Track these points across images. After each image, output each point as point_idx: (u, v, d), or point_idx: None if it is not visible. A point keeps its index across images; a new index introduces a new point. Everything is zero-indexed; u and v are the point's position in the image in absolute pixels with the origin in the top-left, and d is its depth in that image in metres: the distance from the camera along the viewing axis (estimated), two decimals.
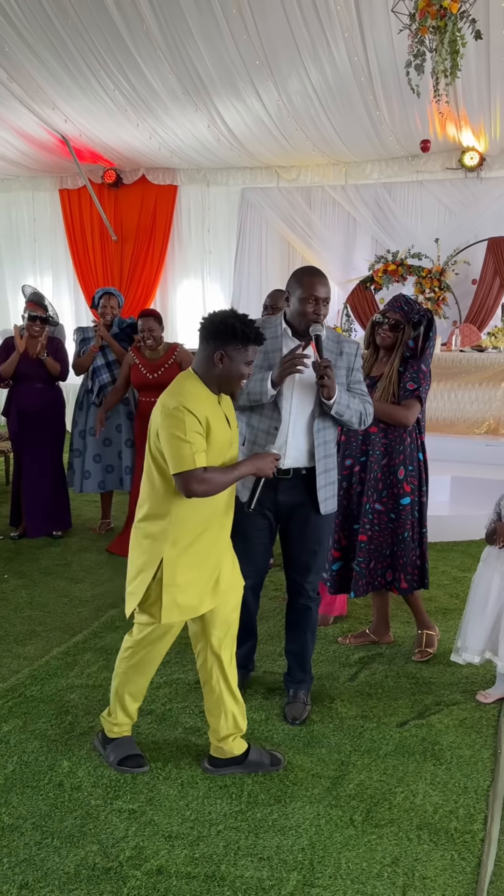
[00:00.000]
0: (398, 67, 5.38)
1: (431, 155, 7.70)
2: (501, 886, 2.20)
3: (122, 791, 2.60)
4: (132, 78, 6.48)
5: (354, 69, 6.04)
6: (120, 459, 5.44)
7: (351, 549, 3.54)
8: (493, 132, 7.08)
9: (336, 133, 7.31)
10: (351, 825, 2.44)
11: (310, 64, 6.04)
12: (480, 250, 7.85)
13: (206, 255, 9.25)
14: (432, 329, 3.42)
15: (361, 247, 8.53)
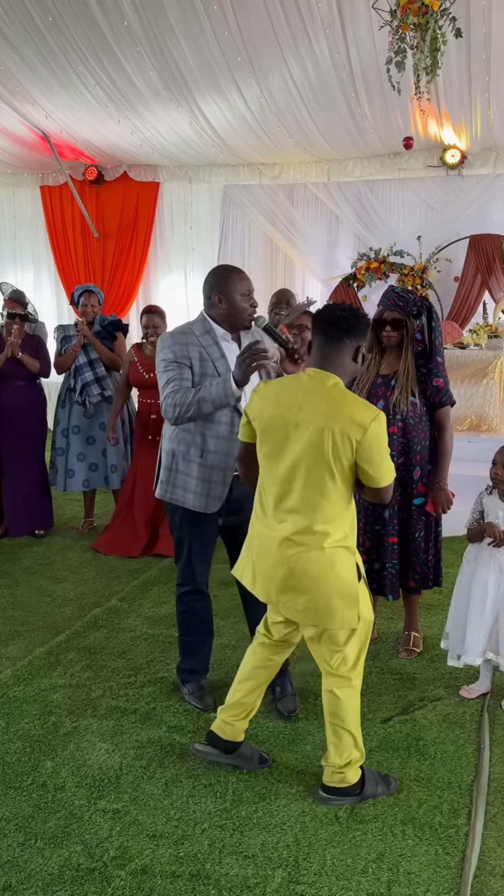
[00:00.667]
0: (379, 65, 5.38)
1: (413, 153, 7.71)
2: (485, 880, 2.21)
3: (105, 791, 2.58)
4: (113, 74, 6.44)
5: (336, 66, 6.04)
6: (104, 458, 5.41)
7: (374, 551, 3.48)
8: (474, 130, 7.11)
9: (318, 130, 7.31)
10: (335, 821, 2.45)
11: (291, 61, 6.03)
12: (462, 248, 7.88)
13: (189, 252, 9.22)
14: (434, 318, 3.38)
15: (344, 244, 8.53)
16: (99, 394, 5.32)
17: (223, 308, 2.87)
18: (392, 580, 3.47)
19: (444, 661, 3.52)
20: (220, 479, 2.93)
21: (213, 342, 2.89)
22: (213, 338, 2.90)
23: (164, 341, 2.91)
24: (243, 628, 3.88)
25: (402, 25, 4.30)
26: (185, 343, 2.86)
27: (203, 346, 2.88)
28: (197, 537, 3.05)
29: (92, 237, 9.31)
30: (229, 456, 2.90)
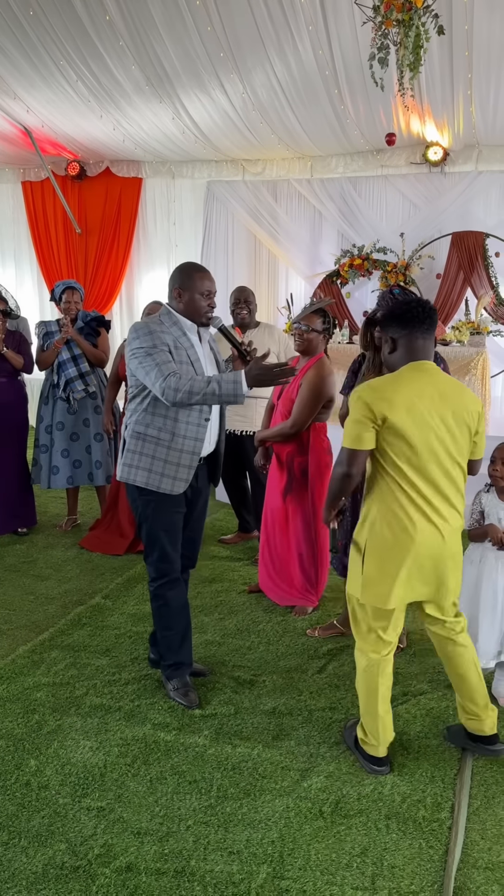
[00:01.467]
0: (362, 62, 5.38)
1: (396, 149, 7.73)
2: (468, 873, 2.23)
3: (90, 789, 2.58)
4: (95, 69, 6.39)
5: (319, 63, 6.04)
6: (89, 454, 5.38)
7: None
8: (457, 127, 7.13)
9: (301, 127, 7.30)
10: (320, 817, 2.46)
11: (274, 57, 6.02)
12: (444, 245, 7.90)
13: (172, 247, 9.18)
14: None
15: (327, 241, 8.54)
16: (83, 390, 5.29)
17: (182, 304, 3.01)
18: None
19: (427, 657, 3.55)
20: (189, 462, 3.02)
21: (182, 332, 3.00)
22: (180, 328, 3.00)
23: (139, 329, 2.97)
24: (227, 624, 3.89)
25: (386, 22, 4.30)
26: (160, 331, 2.96)
27: (174, 335, 2.98)
28: (167, 523, 3.09)
29: (74, 233, 9.25)
30: (198, 441, 3.02)
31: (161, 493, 3.02)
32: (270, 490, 4.13)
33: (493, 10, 5.19)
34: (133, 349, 2.95)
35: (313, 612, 4.06)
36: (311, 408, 3.83)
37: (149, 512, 3.06)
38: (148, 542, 3.13)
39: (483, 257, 7.71)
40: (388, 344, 2.60)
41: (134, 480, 3.03)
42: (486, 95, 6.37)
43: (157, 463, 2.99)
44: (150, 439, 3.00)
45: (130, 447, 3.04)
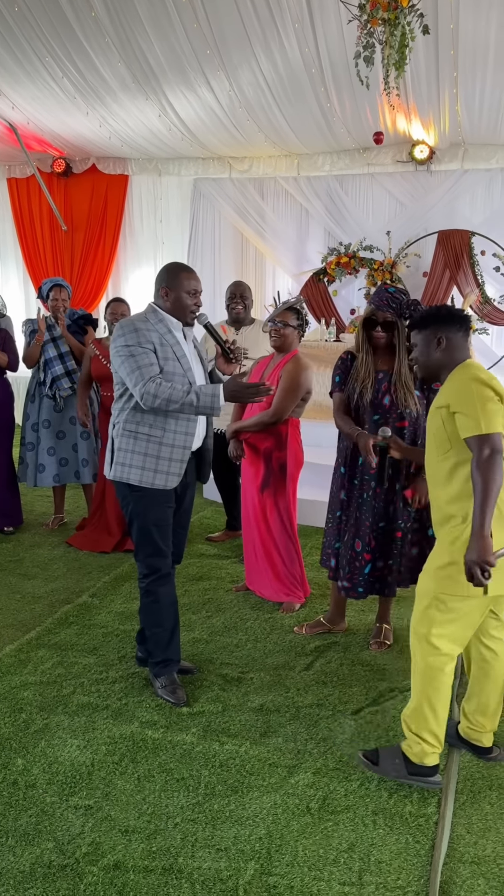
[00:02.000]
0: (348, 60, 5.39)
1: (382, 148, 7.74)
2: (454, 867, 2.25)
3: (77, 787, 2.58)
4: (81, 66, 6.36)
5: (305, 60, 6.04)
6: (75, 452, 5.37)
7: (379, 549, 3.48)
8: (442, 126, 7.16)
9: (288, 124, 7.30)
10: (307, 813, 2.47)
11: (261, 54, 6.02)
12: (431, 243, 7.93)
13: (159, 245, 9.16)
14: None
15: (314, 239, 8.55)
16: (69, 387, 5.27)
17: (169, 302, 3.04)
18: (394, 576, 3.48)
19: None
20: (180, 457, 3.05)
21: (168, 330, 3.03)
22: (166, 326, 3.03)
23: (124, 327, 2.99)
24: (215, 622, 3.90)
25: (372, 20, 4.31)
26: (145, 329, 2.97)
27: (160, 332, 3.00)
28: (159, 519, 3.10)
29: (60, 230, 9.21)
30: (188, 436, 3.05)
31: (153, 489, 3.03)
32: (246, 487, 4.14)
33: (479, 9, 5.22)
34: (117, 347, 2.97)
35: (300, 609, 4.07)
36: (293, 398, 3.88)
37: (140, 508, 3.06)
38: (139, 539, 3.12)
39: (469, 255, 7.75)
40: (438, 343, 2.57)
41: (128, 479, 3.02)
42: (472, 94, 6.40)
43: (149, 460, 3.01)
44: (142, 436, 3.01)
45: (122, 446, 3.04)
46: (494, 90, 6.28)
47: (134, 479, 3.02)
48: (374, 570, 3.49)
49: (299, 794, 2.55)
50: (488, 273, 7.73)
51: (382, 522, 3.45)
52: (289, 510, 4.03)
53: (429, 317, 2.63)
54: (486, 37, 5.52)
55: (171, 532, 3.18)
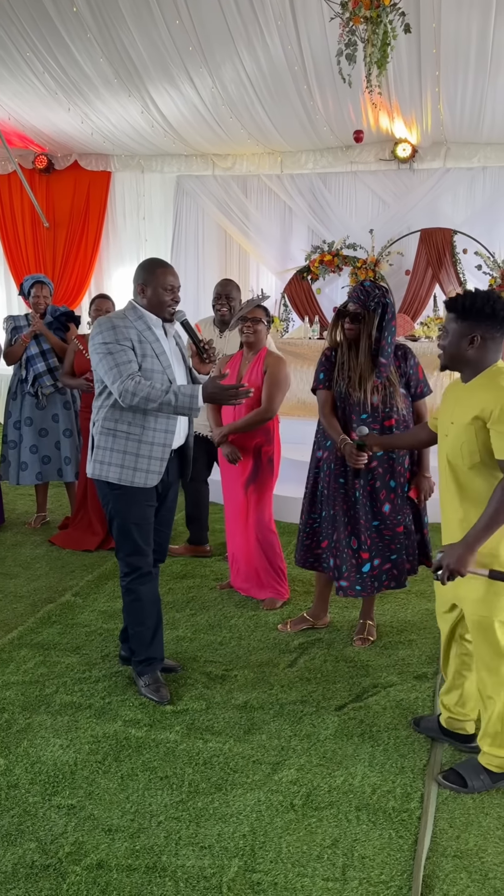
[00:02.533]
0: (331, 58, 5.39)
1: (365, 146, 7.76)
2: (437, 861, 2.26)
3: (60, 787, 2.56)
4: (62, 61, 6.32)
5: (288, 58, 6.04)
6: (58, 450, 5.34)
7: (374, 547, 3.47)
8: (425, 124, 7.19)
9: (271, 122, 7.30)
10: (291, 810, 2.47)
11: (243, 52, 6.01)
12: (413, 241, 7.97)
13: (142, 242, 9.13)
14: (385, 317, 3.32)
15: (298, 237, 8.55)
16: (52, 385, 5.24)
17: (146, 299, 3.04)
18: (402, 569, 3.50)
19: (396, 649, 3.58)
20: (160, 455, 3.04)
21: (147, 327, 3.02)
22: (145, 323, 3.02)
23: (103, 324, 2.98)
24: (199, 620, 3.89)
25: (354, 18, 4.32)
26: (123, 326, 2.97)
27: (139, 329, 2.99)
28: (139, 517, 3.09)
29: (42, 227, 9.15)
30: (168, 433, 3.04)
31: (133, 488, 3.01)
32: (229, 485, 4.14)
33: (460, 8, 5.24)
34: (95, 345, 2.96)
35: (283, 607, 4.08)
36: (283, 391, 3.95)
37: (120, 506, 3.05)
38: (120, 537, 3.11)
39: (451, 254, 7.79)
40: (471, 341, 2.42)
41: (106, 477, 3.01)
42: (454, 93, 6.43)
43: (128, 458, 2.99)
44: (121, 434, 3.00)
45: (101, 444, 3.03)
46: (476, 89, 6.31)
47: (113, 478, 3.00)
48: (372, 568, 3.49)
49: (283, 791, 2.55)
50: (470, 271, 7.77)
51: (377, 521, 3.46)
52: (269, 505, 4.07)
53: (470, 309, 2.39)
54: (468, 36, 5.55)
55: (153, 530, 3.17)
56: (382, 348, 3.33)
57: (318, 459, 3.58)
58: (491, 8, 5.20)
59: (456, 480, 2.51)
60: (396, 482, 3.43)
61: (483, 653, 2.53)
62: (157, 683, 3.14)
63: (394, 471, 3.42)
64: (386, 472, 3.41)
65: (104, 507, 3.14)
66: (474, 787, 2.57)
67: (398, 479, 3.43)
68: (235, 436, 4.00)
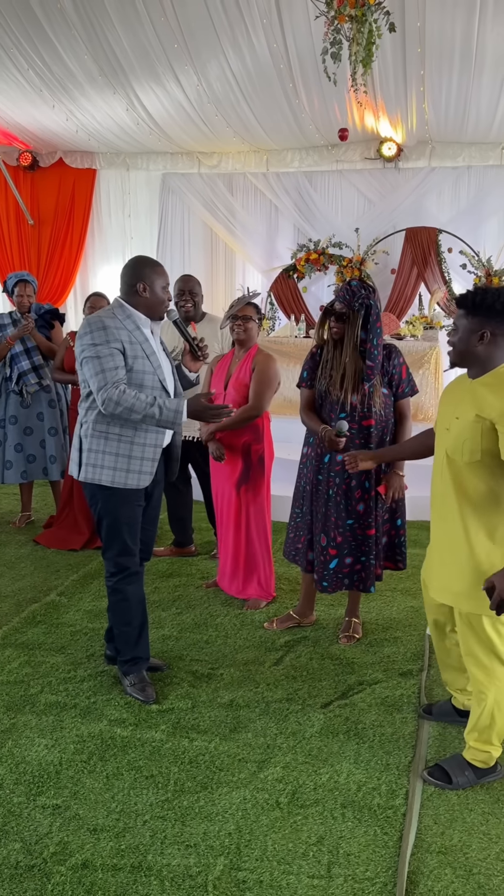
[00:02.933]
0: (316, 56, 5.40)
1: (350, 145, 7.78)
2: (422, 857, 2.27)
3: (45, 787, 2.55)
4: (47, 58, 6.28)
5: (273, 56, 6.04)
6: (43, 448, 5.31)
7: (345, 545, 3.50)
8: (410, 123, 7.21)
9: (256, 120, 7.30)
10: (277, 807, 2.47)
11: (229, 49, 6.00)
12: (399, 240, 7.99)
13: (128, 240, 9.10)
14: (370, 318, 3.32)
15: (283, 235, 8.55)
16: (36, 383, 5.21)
17: (146, 297, 3.00)
18: (370, 573, 3.50)
19: (382, 646, 3.60)
20: (152, 455, 3.03)
21: (136, 327, 2.99)
22: (134, 322, 2.99)
23: (92, 323, 2.93)
24: (185, 619, 3.89)
25: (339, 17, 4.32)
26: (114, 327, 2.93)
27: (129, 329, 2.96)
28: (130, 517, 3.08)
29: (27, 224, 9.10)
30: (160, 434, 3.04)
31: (125, 489, 3.00)
32: (220, 484, 4.13)
33: (444, 8, 5.25)
34: (84, 345, 2.91)
35: (268, 605, 4.08)
36: (271, 389, 3.93)
37: (110, 507, 3.03)
38: (109, 537, 3.09)
39: (436, 253, 7.82)
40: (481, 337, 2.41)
41: (99, 480, 2.98)
42: (439, 92, 6.46)
43: (121, 460, 2.97)
44: (113, 436, 2.97)
45: (93, 447, 2.99)
46: (460, 89, 6.34)
47: (106, 480, 2.98)
48: (341, 566, 3.51)
49: (269, 789, 2.56)
50: (455, 270, 7.81)
51: (351, 520, 3.47)
52: (265, 506, 4.03)
53: (480, 305, 2.38)
54: (452, 35, 5.57)
55: (140, 530, 3.16)
56: (369, 351, 3.33)
57: (303, 455, 3.60)
58: (475, 8, 5.22)
59: (452, 476, 2.50)
60: (371, 483, 3.44)
61: (473, 648, 2.54)
62: (142, 683, 3.14)
63: (369, 472, 3.43)
64: (361, 472, 3.42)
65: (92, 507, 3.11)
66: (459, 783, 2.58)
67: (373, 480, 3.45)
68: (223, 434, 3.99)
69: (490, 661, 2.52)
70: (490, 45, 5.65)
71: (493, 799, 2.53)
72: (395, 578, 4.36)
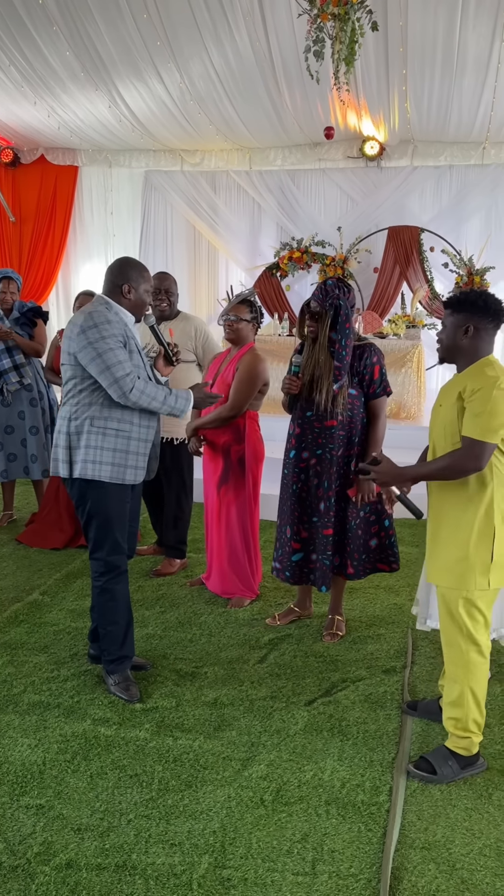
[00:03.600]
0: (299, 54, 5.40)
1: (333, 143, 7.80)
2: (405, 853, 2.28)
3: (29, 787, 2.54)
4: (28, 54, 6.25)
5: (256, 54, 6.04)
6: (24, 447, 5.27)
7: (311, 541, 3.53)
8: (392, 122, 7.24)
9: (239, 118, 7.29)
10: (261, 805, 2.48)
11: (212, 47, 5.99)
12: (381, 239, 8.02)
13: (110, 237, 9.07)
14: (339, 319, 3.33)
15: (266, 233, 8.56)
16: (17, 381, 5.17)
17: (129, 299, 3.05)
18: (325, 572, 3.52)
19: (365, 643, 3.61)
20: (145, 451, 3.10)
21: (125, 324, 3.02)
22: (122, 320, 3.02)
23: (96, 317, 2.93)
24: (169, 617, 3.88)
25: (322, 15, 4.33)
26: (116, 321, 2.98)
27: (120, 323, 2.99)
28: (120, 514, 3.09)
29: (8, 221, 9.04)
30: (150, 429, 3.10)
31: (118, 485, 3.02)
32: (206, 484, 4.13)
33: (427, 7, 5.28)
34: (91, 339, 2.89)
35: (252, 604, 4.08)
36: (250, 390, 3.86)
37: (102, 505, 3.03)
38: (99, 536, 3.07)
39: (418, 252, 7.86)
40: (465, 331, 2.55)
41: (99, 476, 2.98)
42: (421, 91, 6.49)
43: (118, 455, 3.00)
44: (111, 432, 2.99)
45: (91, 443, 2.98)
46: (442, 88, 6.37)
47: (105, 476, 2.98)
48: (304, 560, 3.58)
49: (253, 787, 2.56)
50: (437, 269, 7.85)
51: (315, 517, 3.51)
52: (247, 505, 4.00)
53: (464, 301, 2.57)
54: (435, 35, 5.60)
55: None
56: (337, 351, 3.34)
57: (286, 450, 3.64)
58: (457, 8, 5.25)
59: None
60: (331, 483, 3.46)
61: (449, 632, 2.61)
62: (126, 682, 3.13)
63: (331, 473, 3.45)
64: (323, 472, 3.46)
65: (79, 507, 3.09)
66: (444, 774, 2.61)
67: (334, 481, 3.46)
68: (205, 432, 3.98)
69: (466, 646, 2.57)
70: (471, 46, 5.69)
71: (476, 795, 2.55)
72: (378, 576, 4.37)
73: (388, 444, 6.36)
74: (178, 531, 4.51)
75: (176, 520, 4.50)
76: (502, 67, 5.87)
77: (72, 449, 3.01)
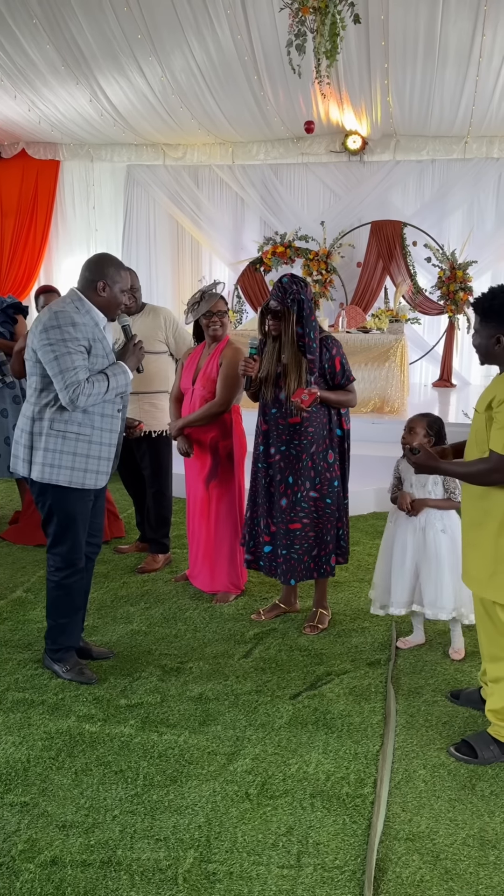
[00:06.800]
0: (281, 48, 5.39)
1: (316, 138, 7.79)
2: (390, 844, 2.30)
3: (13, 784, 2.53)
4: (8, 47, 6.19)
5: (238, 48, 6.02)
6: (7, 445, 5.24)
7: (280, 535, 3.55)
8: (374, 116, 7.24)
9: (221, 112, 7.27)
10: (246, 799, 2.48)
11: (193, 40, 5.97)
12: (364, 234, 8.03)
13: (92, 232, 9.03)
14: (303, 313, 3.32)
15: (250, 228, 8.55)
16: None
17: (103, 297, 2.99)
18: (293, 565, 3.54)
19: (350, 637, 3.63)
20: (108, 455, 3.07)
21: (95, 323, 2.97)
22: (93, 319, 2.97)
23: (60, 317, 2.88)
24: (154, 613, 3.88)
25: (303, 8, 4.32)
26: (82, 324, 2.91)
27: (90, 326, 2.95)
28: (82, 513, 3.09)
29: None
30: (113, 433, 3.07)
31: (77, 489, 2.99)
32: (191, 480, 4.11)
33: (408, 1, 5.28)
34: (52, 339, 2.84)
35: (237, 599, 4.08)
36: (238, 384, 3.85)
37: (63, 504, 3.01)
38: (59, 534, 3.07)
39: (401, 246, 7.87)
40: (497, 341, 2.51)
41: (56, 480, 2.95)
42: (403, 85, 6.50)
43: (78, 459, 2.96)
44: (71, 436, 2.95)
45: (49, 446, 2.94)
46: (424, 82, 6.38)
47: (63, 481, 2.95)
48: (275, 554, 3.63)
49: (238, 781, 2.56)
50: (420, 263, 7.87)
51: (279, 513, 3.56)
52: (236, 500, 4.01)
53: (492, 312, 2.50)
54: (416, 29, 5.61)
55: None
56: (307, 345, 3.35)
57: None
58: (438, 1, 5.26)
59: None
60: (295, 479, 3.48)
61: (484, 626, 2.69)
62: (78, 666, 3.18)
63: (294, 469, 3.48)
64: (287, 468, 3.48)
65: (39, 503, 3.06)
66: (485, 757, 2.67)
67: (299, 477, 3.48)
68: (191, 429, 3.96)
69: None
70: (453, 40, 5.70)
71: (460, 786, 2.57)
72: (361, 569, 4.39)
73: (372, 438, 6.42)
74: (160, 526, 4.50)
75: (158, 514, 4.49)
76: (484, 61, 5.89)
77: (33, 449, 2.98)
